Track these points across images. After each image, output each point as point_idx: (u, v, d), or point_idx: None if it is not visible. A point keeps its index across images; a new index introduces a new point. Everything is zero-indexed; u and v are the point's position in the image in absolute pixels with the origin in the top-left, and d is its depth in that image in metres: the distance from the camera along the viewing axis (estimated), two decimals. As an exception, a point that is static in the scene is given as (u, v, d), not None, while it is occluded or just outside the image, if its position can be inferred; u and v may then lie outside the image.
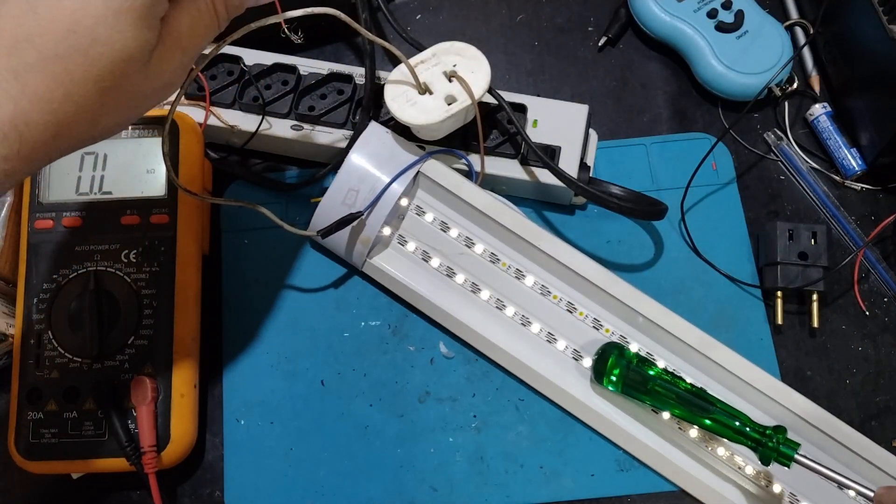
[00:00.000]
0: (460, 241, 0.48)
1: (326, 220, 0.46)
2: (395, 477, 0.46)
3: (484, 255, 0.48)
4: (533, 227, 0.47)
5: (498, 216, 0.47)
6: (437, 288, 0.48)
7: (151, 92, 0.30)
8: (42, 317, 0.45)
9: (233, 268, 0.51)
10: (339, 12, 0.39)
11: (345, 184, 0.47)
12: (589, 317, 0.47)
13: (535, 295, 0.47)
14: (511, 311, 0.47)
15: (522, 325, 0.47)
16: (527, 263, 0.48)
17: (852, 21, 0.51)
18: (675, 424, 0.45)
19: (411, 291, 0.47)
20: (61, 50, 0.27)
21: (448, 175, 0.47)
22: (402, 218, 0.49)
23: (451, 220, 0.49)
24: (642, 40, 0.57)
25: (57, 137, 0.28)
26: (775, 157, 0.53)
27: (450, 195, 0.47)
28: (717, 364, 0.44)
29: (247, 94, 0.52)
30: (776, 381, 0.44)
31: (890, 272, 0.50)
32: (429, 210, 0.49)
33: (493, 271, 0.48)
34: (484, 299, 0.48)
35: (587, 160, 0.49)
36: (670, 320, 0.45)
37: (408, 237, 0.49)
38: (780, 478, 0.44)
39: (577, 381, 0.46)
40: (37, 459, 0.44)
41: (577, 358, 0.46)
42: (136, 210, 0.47)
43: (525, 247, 0.47)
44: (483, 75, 0.46)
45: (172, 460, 0.44)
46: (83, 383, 0.44)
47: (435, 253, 0.48)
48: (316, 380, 0.48)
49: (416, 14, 0.58)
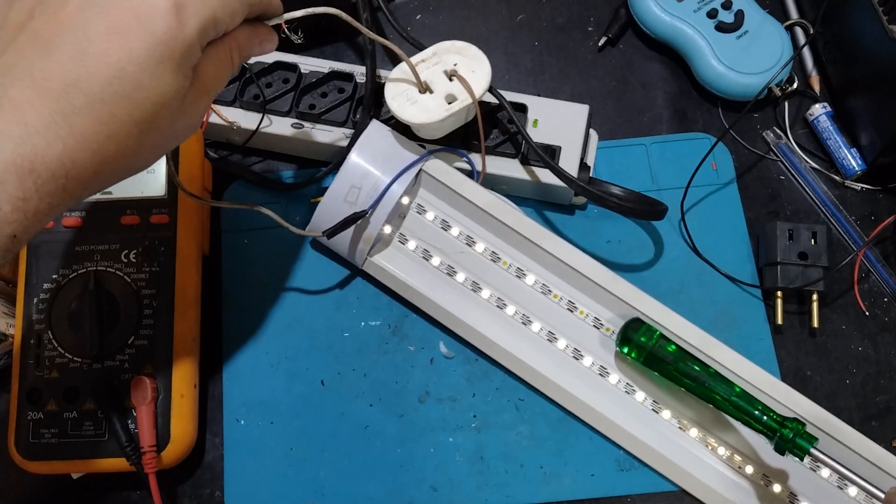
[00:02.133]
0: (461, 239, 0.48)
1: (328, 217, 0.46)
2: (395, 477, 0.46)
3: (485, 254, 0.48)
4: (535, 225, 0.47)
5: (500, 215, 0.47)
6: (437, 287, 0.48)
7: (182, 131, 0.33)
8: (42, 317, 0.45)
9: (233, 268, 0.51)
10: (340, 11, 0.39)
11: (347, 181, 0.46)
12: (590, 316, 0.47)
13: (535, 294, 0.47)
14: (512, 310, 0.47)
15: (523, 325, 0.47)
16: (528, 262, 0.48)
17: (852, 21, 0.51)
18: (675, 423, 0.45)
19: (412, 290, 0.47)
20: (107, 95, 0.29)
21: (450, 173, 0.47)
22: (403, 216, 0.49)
23: (452, 218, 0.49)
24: (642, 40, 0.57)
25: (97, 174, 0.30)
26: (775, 157, 0.53)
27: (451, 193, 0.47)
28: (718, 363, 0.44)
29: (248, 91, 0.52)
30: (776, 381, 0.44)
31: (890, 272, 0.50)
32: (430, 208, 0.49)
33: (494, 270, 0.48)
34: (484, 298, 0.48)
35: (587, 160, 0.49)
36: (671, 319, 0.45)
37: (409, 235, 0.49)
38: (779, 478, 0.44)
39: (577, 379, 0.46)
40: (37, 459, 0.44)
41: (578, 357, 0.46)
42: (136, 210, 0.46)
43: (526, 245, 0.47)
44: (483, 75, 0.46)
45: (172, 460, 0.44)
46: (83, 383, 0.44)
47: (436, 251, 0.48)
48: (316, 380, 0.48)
49: (416, 14, 0.58)
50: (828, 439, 0.43)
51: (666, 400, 0.46)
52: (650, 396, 0.46)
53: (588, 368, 0.46)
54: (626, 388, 0.46)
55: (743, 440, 0.45)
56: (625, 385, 0.46)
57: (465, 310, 0.47)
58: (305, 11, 0.38)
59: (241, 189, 0.53)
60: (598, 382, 0.46)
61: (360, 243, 0.47)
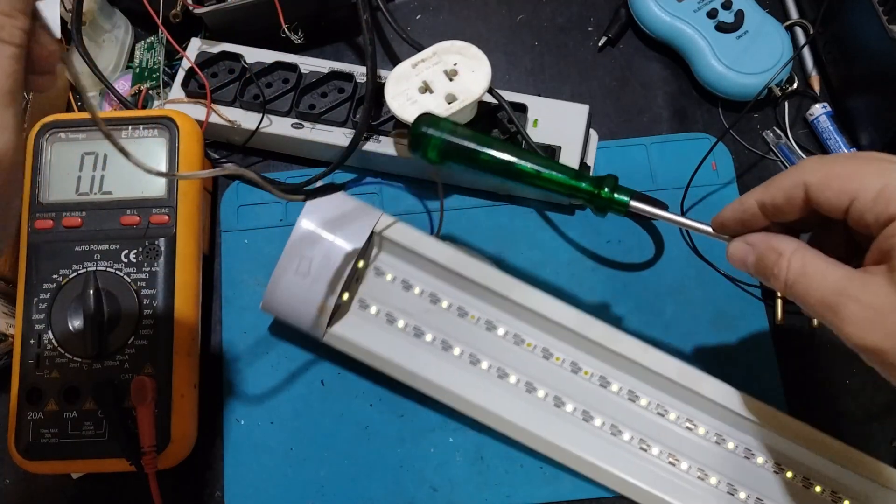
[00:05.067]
0: (425, 298, 0.46)
1: (279, 294, 0.44)
2: (395, 477, 0.46)
3: (451, 310, 0.46)
4: (501, 276, 0.45)
5: (462, 269, 0.45)
6: (405, 350, 0.45)
7: None
8: (42, 317, 0.45)
9: (233, 268, 0.51)
10: (247, 172, 0.36)
11: (296, 251, 0.44)
12: (566, 361, 0.45)
13: (508, 345, 0.46)
14: (486, 364, 0.45)
15: (499, 378, 0.45)
16: (496, 313, 0.46)
17: (852, 21, 0.51)
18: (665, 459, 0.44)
19: (379, 358, 0.45)
20: None
21: (405, 231, 0.45)
22: (359, 281, 0.46)
23: (412, 277, 0.46)
24: (642, 40, 0.57)
25: None
26: (775, 157, 0.53)
27: (409, 252, 0.45)
28: (704, 396, 0.43)
29: (248, 91, 0.52)
30: (763, 405, 0.43)
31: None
32: (388, 269, 0.46)
33: (463, 325, 0.46)
34: (456, 355, 0.45)
35: (587, 160, 0.49)
36: (649, 356, 0.43)
37: (369, 300, 0.46)
38: (746, 484, 0.43)
39: (562, 428, 0.44)
40: (37, 459, 0.44)
41: (560, 405, 0.45)
42: (136, 210, 0.46)
43: (493, 297, 0.45)
44: (483, 74, 0.46)
45: (172, 460, 0.44)
46: (83, 383, 0.44)
47: (400, 313, 0.46)
48: (316, 380, 0.48)
49: (416, 14, 0.58)
50: (826, 462, 0.42)
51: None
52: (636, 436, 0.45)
53: (571, 414, 0.45)
54: (612, 430, 0.44)
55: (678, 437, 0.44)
56: (609, 427, 0.44)
57: (438, 371, 0.45)
58: (209, 172, 0.35)
59: (240, 189, 0.53)
60: (583, 427, 0.45)
61: (317, 316, 0.44)
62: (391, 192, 0.52)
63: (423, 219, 0.51)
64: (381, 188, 0.53)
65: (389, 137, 0.50)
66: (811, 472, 0.43)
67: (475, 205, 0.52)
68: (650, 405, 0.45)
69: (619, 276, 0.50)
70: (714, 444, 0.44)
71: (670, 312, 0.49)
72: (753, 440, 0.43)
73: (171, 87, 0.53)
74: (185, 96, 0.52)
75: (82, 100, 0.51)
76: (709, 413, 0.44)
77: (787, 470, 0.43)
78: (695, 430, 0.44)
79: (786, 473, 0.43)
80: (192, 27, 0.54)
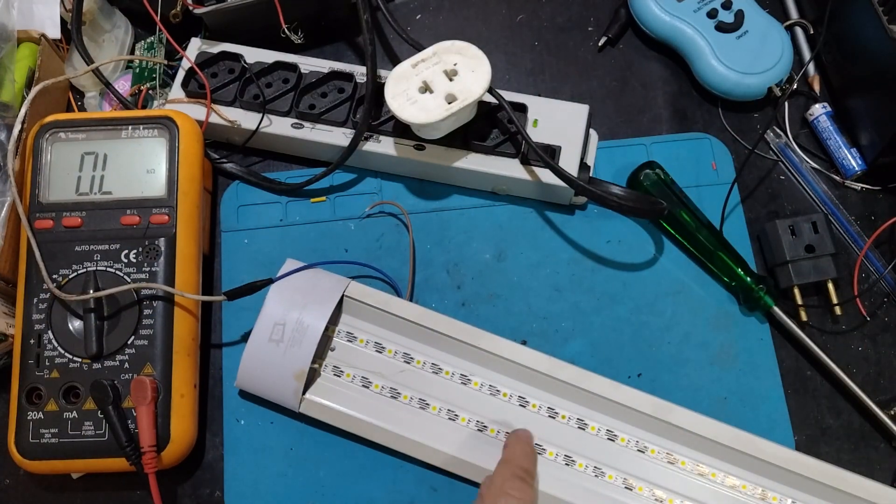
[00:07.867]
0: (398, 358, 0.47)
1: (255, 362, 0.45)
2: (395, 477, 0.46)
3: (425, 368, 0.47)
4: (470, 329, 0.46)
5: (434, 325, 0.46)
6: (383, 412, 0.46)
7: None
8: (42, 317, 0.45)
9: (233, 268, 0.51)
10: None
11: (270, 320, 0.45)
12: (543, 407, 0.46)
13: (485, 397, 0.46)
14: (466, 417, 0.46)
15: (479, 431, 0.45)
16: (469, 366, 0.46)
17: (852, 21, 0.51)
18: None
19: (357, 421, 0.45)
20: None
21: (373, 294, 0.47)
22: (333, 348, 0.47)
23: (384, 339, 0.47)
24: (642, 40, 0.57)
25: None
26: (775, 157, 0.53)
27: (379, 313, 0.46)
28: (677, 426, 0.43)
29: (248, 91, 0.52)
30: (740, 432, 0.43)
31: (890, 273, 0.50)
32: (360, 333, 0.47)
33: (439, 382, 0.46)
34: (434, 413, 0.46)
35: (587, 160, 0.49)
36: (623, 394, 0.44)
37: (343, 366, 0.47)
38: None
39: (545, 471, 0.44)
40: (37, 459, 0.43)
41: (540, 452, 0.45)
42: (136, 210, 0.46)
43: (465, 349, 0.46)
44: (483, 74, 0.46)
45: (172, 460, 0.44)
46: (83, 383, 0.44)
47: (374, 376, 0.46)
48: (316, 380, 0.48)
49: (416, 14, 0.58)
50: (812, 483, 0.42)
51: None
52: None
53: (553, 460, 0.45)
54: (595, 472, 0.44)
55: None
56: (593, 468, 0.44)
57: (418, 429, 0.45)
58: None
59: (240, 189, 0.53)
60: (566, 471, 0.44)
61: (291, 384, 0.45)
62: (391, 193, 0.52)
63: (422, 219, 0.51)
64: (381, 188, 0.53)
65: (389, 137, 0.50)
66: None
67: (475, 205, 0.52)
68: (629, 443, 0.45)
69: (619, 276, 0.50)
70: (698, 477, 0.44)
71: (670, 312, 0.49)
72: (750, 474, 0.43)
73: (170, 86, 0.53)
74: (185, 96, 0.52)
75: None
76: (688, 445, 0.44)
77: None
78: (675, 463, 0.44)
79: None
80: (192, 27, 0.54)
